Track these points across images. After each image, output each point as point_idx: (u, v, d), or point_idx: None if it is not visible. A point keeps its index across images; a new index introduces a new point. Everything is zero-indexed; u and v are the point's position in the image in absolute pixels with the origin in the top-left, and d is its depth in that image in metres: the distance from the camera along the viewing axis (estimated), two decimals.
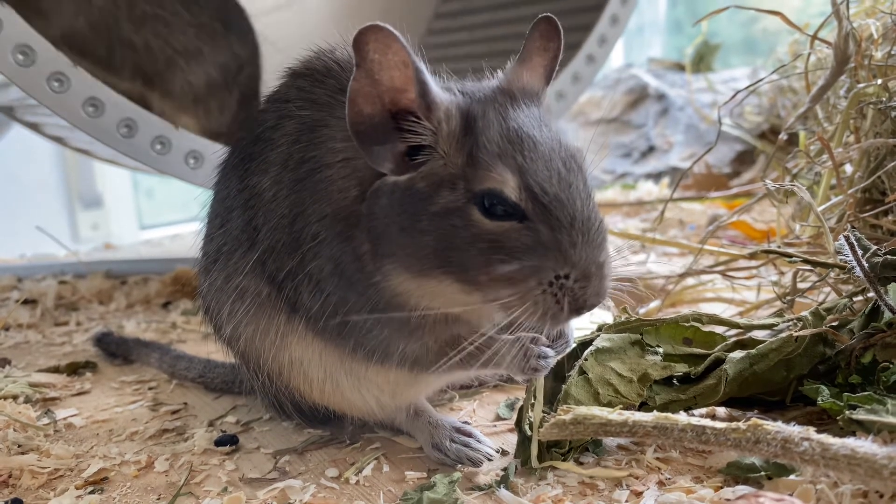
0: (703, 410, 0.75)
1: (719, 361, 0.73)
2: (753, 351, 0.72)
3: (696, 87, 2.29)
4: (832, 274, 0.86)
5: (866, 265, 0.72)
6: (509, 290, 0.57)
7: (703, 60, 2.44)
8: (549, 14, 0.65)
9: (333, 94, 0.65)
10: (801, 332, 0.72)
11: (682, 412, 0.69)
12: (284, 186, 0.66)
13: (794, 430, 0.54)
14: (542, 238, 0.56)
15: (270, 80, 0.75)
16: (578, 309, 0.57)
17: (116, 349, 1.08)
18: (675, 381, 0.74)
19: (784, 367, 0.72)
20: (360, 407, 0.72)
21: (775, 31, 2.73)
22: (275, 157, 0.67)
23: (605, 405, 0.69)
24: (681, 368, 0.73)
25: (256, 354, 0.72)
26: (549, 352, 0.63)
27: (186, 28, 1.54)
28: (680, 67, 2.49)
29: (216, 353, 1.06)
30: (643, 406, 0.71)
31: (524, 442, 0.68)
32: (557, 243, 0.56)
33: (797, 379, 0.73)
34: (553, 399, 0.72)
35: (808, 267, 0.86)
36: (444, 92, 0.60)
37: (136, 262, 1.73)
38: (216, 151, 0.92)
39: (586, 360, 0.72)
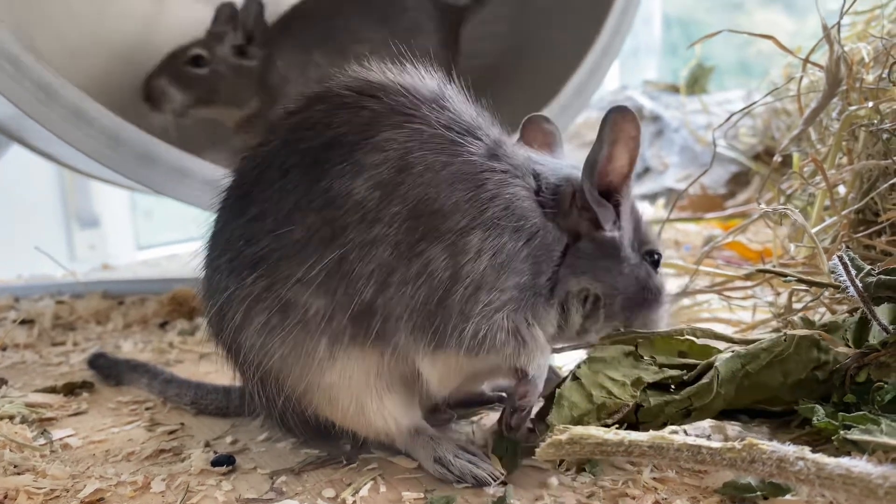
0: (706, 426, 0.76)
1: (711, 366, 0.74)
2: (743, 350, 0.73)
3: (691, 109, 2.31)
4: (826, 293, 0.87)
5: (860, 285, 0.73)
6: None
7: (697, 83, 2.46)
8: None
9: (467, 120, 0.72)
10: (791, 332, 0.73)
11: (678, 431, 0.69)
12: (398, 193, 0.67)
13: (788, 449, 0.54)
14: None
15: None
16: None
17: (110, 371, 1.08)
18: (670, 387, 0.74)
19: (779, 370, 0.72)
20: (380, 428, 0.73)
21: (769, 54, 2.76)
22: (376, 160, 0.68)
23: (598, 406, 0.70)
24: (674, 374, 0.74)
25: (284, 373, 0.71)
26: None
27: None
28: (675, 89, 2.52)
29: (213, 373, 1.08)
30: (639, 409, 0.72)
31: (501, 440, 0.71)
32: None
33: (795, 386, 0.73)
34: (546, 410, 0.72)
35: (804, 287, 0.87)
36: None
37: (134, 283, 1.74)
38: None
39: (580, 367, 0.73)
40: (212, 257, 0.76)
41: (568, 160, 0.81)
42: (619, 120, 0.71)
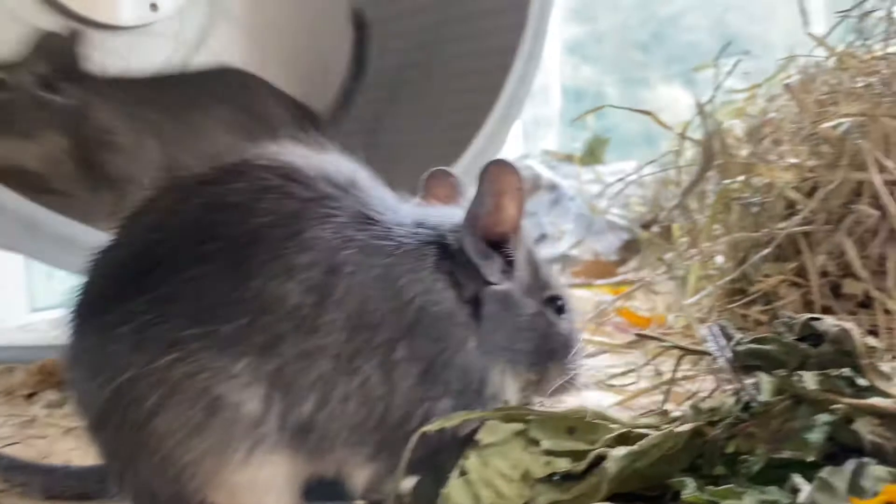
0: None
1: (601, 458, 0.72)
2: (636, 448, 0.72)
3: (587, 179, 2.38)
4: (703, 362, 0.88)
5: (730, 354, 0.75)
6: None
7: (593, 153, 2.55)
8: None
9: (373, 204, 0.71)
10: (680, 428, 0.73)
11: None
12: (332, 299, 0.65)
13: None
14: None
15: None
16: None
17: None
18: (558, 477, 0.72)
19: (665, 462, 0.72)
20: None
21: (669, 127, 2.89)
22: (305, 261, 0.65)
23: None
24: (563, 465, 0.72)
25: (194, 466, 0.64)
26: None
27: None
28: (572, 159, 2.60)
29: (77, 450, 1.01)
30: None
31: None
32: None
33: (677, 474, 0.72)
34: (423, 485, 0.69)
35: (678, 353, 0.88)
36: None
37: (4, 349, 1.64)
38: None
39: (468, 458, 0.70)
40: (105, 321, 0.66)
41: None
42: (501, 172, 0.70)
